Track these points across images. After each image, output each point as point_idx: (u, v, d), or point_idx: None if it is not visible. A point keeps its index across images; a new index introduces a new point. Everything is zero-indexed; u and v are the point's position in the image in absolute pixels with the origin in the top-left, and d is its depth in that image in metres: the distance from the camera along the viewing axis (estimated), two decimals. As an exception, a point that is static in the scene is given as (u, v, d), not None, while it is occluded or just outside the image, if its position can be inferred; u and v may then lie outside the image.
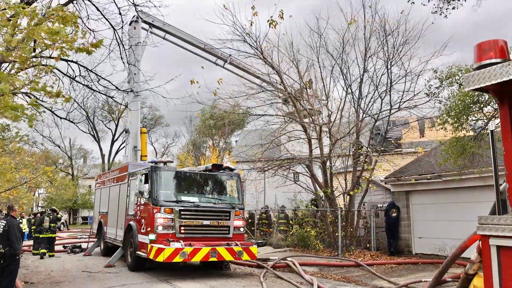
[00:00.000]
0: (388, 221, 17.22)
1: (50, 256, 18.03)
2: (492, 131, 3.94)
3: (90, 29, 12.88)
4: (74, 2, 12.48)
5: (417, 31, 16.73)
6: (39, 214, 20.40)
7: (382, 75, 17.65)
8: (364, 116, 18.18)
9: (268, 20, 16.70)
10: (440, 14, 12.89)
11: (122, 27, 13.65)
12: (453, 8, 12.75)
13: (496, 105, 4.17)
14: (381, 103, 17.70)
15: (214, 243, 12.32)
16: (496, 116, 11.50)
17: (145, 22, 20.37)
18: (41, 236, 18.23)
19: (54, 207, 22.36)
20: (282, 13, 16.68)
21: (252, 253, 12.71)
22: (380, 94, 17.71)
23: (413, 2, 13.08)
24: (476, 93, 11.39)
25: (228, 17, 18.08)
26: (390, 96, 17.44)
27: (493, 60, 3.62)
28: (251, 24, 17.38)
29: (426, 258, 15.41)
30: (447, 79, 13.46)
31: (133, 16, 19.02)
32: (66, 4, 12.26)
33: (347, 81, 18.42)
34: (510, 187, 3.75)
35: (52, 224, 18.34)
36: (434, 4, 12.83)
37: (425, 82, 16.11)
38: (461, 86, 12.79)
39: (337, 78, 18.72)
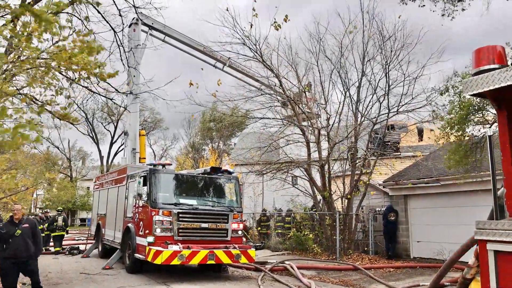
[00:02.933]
0: (386, 225, 17.23)
1: (57, 252, 19.23)
2: (490, 136, 3.95)
3: (90, 30, 12.90)
4: (75, 4, 12.48)
5: (414, 36, 16.86)
6: (43, 215, 21.05)
7: (380, 79, 17.74)
8: (362, 119, 18.22)
9: (272, 24, 16.66)
10: (448, 16, 12.73)
11: (122, 30, 13.66)
12: (463, 9, 12.59)
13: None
14: (380, 106, 17.78)
15: (212, 246, 12.31)
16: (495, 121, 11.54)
17: (145, 24, 20.40)
18: (53, 234, 19.92)
19: (60, 208, 23.78)
20: (287, 17, 16.66)
21: (250, 256, 12.70)
22: (379, 97, 17.78)
23: (406, 3, 13.03)
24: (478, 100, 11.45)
25: (229, 20, 18.06)
26: (388, 99, 17.50)
27: (491, 66, 3.64)
28: (251, 26, 17.38)
29: (424, 262, 15.42)
30: (446, 91, 13.51)
31: (133, 19, 19.05)
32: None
33: (345, 85, 18.50)
34: (508, 192, 3.76)
35: (63, 223, 20.06)
36: (441, 7, 12.72)
37: (431, 93, 16.13)
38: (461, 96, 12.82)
39: (335, 82, 18.79)
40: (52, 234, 20.20)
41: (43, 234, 19.72)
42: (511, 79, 3.43)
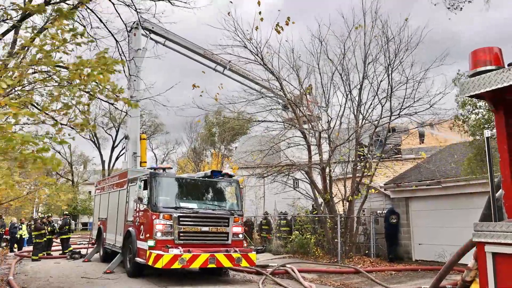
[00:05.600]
0: (388, 228, 17.18)
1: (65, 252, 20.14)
2: (488, 138, 3.94)
3: (94, 38, 13.08)
4: (78, 12, 12.59)
5: (417, 37, 16.81)
6: (41, 220, 21.30)
7: (381, 81, 17.69)
8: (364, 122, 18.17)
9: (274, 27, 16.62)
10: (455, 9, 12.46)
11: (128, 40, 13.80)
12: (469, 1, 12.31)
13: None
14: (382, 109, 17.72)
15: (213, 249, 12.30)
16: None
17: (145, 28, 20.42)
18: (65, 237, 20.91)
19: (67, 212, 25.52)
20: (289, 19, 16.64)
21: (251, 259, 12.68)
22: (380, 100, 17.72)
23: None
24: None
25: (230, 23, 18.06)
26: (391, 102, 17.46)
27: (488, 67, 3.64)
28: (256, 28, 17.34)
29: (426, 265, 15.37)
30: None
31: (133, 23, 19.03)
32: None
33: (347, 87, 18.43)
34: (506, 193, 3.75)
35: (66, 227, 21.17)
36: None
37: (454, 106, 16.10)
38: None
39: (337, 84, 18.73)
40: (64, 237, 21.14)
41: (45, 239, 19.85)
42: (508, 80, 3.42)
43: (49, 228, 20.73)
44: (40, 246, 19.47)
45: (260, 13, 16.46)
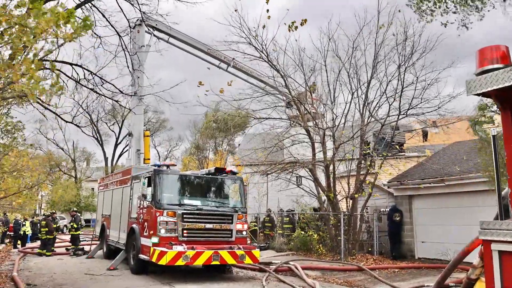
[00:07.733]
0: (391, 225, 17.18)
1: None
2: (494, 136, 3.93)
3: (97, 35, 13.15)
4: (81, 8, 12.63)
5: (431, 41, 16.79)
6: (50, 217, 21.39)
7: (389, 81, 17.66)
8: (369, 120, 18.13)
9: (289, 25, 16.53)
10: (463, 26, 12.41)
11: (129, 34, 13.85)
12: (481, 19, 12.27)
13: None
14: (389, 108, 17.69)
15: (217, 246, 12.32)
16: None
17: (148, 25, 20.43)
18: (77, 233, 20.91)
19: (75, 209, 25.49)
20: (305, 21, 16.58)
21: (255, 256, 12.70)
22: (388, 98, 17.67)
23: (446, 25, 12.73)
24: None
25: (236, 19, 17.98)
26: (400, 101, 17.42)
27: (495, 66, 3.63)
28: (264, 27, 17.32)
29: (429, 263, 15.36)
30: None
31: (137, 20, 19.04)
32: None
33: (354, 85, 18.38)
34: (512, 192, 3.75)
35: (74, 224, 21.32)
36: (455, 20, 12.35)
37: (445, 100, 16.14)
38: None
39: (344, 82, 18.65)
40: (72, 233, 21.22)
41: (51, 236, 19.87)
42: (515, 79, 3.42)
43: (53, 225, 20.81)
44: (51, 242, 19.67)
45: (268, 11, 16.41)
